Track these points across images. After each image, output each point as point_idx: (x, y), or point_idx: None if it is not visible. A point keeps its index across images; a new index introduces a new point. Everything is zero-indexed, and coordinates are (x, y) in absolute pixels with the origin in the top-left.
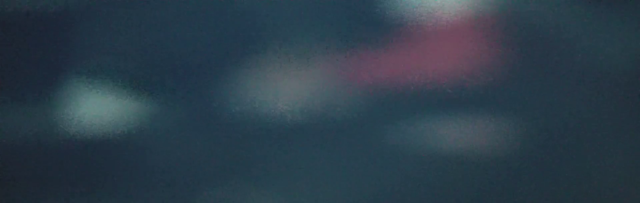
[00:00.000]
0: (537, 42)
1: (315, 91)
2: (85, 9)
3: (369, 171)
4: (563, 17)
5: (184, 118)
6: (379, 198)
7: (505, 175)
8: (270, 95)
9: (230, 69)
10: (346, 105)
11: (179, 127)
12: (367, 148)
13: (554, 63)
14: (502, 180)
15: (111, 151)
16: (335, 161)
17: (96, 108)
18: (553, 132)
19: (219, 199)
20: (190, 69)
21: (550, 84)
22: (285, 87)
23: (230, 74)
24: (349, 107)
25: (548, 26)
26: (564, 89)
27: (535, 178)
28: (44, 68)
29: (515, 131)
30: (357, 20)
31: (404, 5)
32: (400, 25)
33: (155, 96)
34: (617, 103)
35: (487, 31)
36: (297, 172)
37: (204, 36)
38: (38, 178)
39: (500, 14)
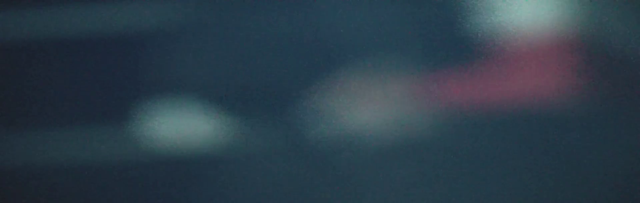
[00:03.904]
0: (620, 66)
1: (397, 112)
2: (168, 32)
3: (454, 190)
4: None
5: (269, 138)
6: None
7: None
8: (353, 116)
9: (313, 90)
10: (427, 125)
11: (264, 148)
12: (450, 167)
13: (637, 87)
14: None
15: (192, 172)
16: (419, 179)
17: (177, 129)
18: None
19: None
20: (272, 91)
21: (633, 110)
22: (368, 108)
23: (313, 95)
24: (430, 127)
25: (631, 50)
26: None
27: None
28: (124, 89)
29: (596, 153)
30: (437, 41)
31: (485, 27)
32: (481, 46)
33: (239, 118)
34: None
35: (567, 54)
36: (380, 191)
37: (285, 59)
38: (117, 198)
39: (581, 37)
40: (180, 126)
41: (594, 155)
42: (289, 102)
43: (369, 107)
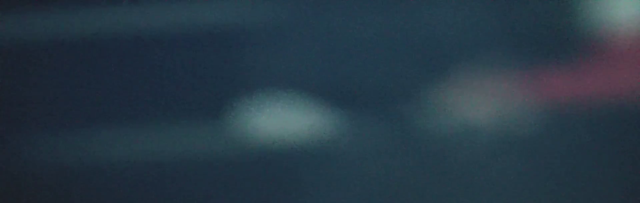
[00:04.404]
0: None
1: (505, 107)
2: (269, 26)
3: (558, 187)
4: None
5: (377, 133)
6: None
7: None
8: (459, 110)
9: (420, 85)
10: (534, 121)
11: (372, 143)
12: (558, 164)
13: None
14: None
15: (296, 170)
16: (527, 174)
17: (284, 126)
18: None
19: None
20: (379, 85)
21: None
22: (475, 102)
23: (420, 89)
24: (537, 123)
25: None
26: None
27: None
28: (221, 85)
29: None
30: (543, 37)
31: (590, 22)
32: (587, 41)
33: (344, 114)
34: None
35: None
36: (489, 185)
37: (389, 55)
38: (217, 194)
39: None
40: (286, 123)
41: None
42: (395, 98)
43: (475, 103)
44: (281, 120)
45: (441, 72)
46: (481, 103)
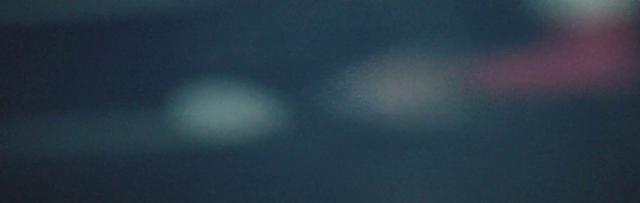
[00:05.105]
0: None
1: (429, 95)
2: (196, 12)
3: (490, 180)
4: None
5: (293, 120)
6: None
7: None
8: (383, 98)
9: (347, 70)
10: (461, 109)
11: (286, 129)
12: (493, 155)
13: None
14: None
15: (221, 155)
16: (443, 166)
17: (205, 110)
18: None
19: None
20: (316, 72)
21: None
22: (401, 90)
23: (345, 76)
24: (465, 111)
25: None
26: None
27: None
28: (157, 72)
29: None
30: (491, 22)
31: (547, 7)
32: (542, 26)
33: (263, 98)
34: None
35: (628, 36)
36: (402, 176)
37: (322, 41)
38: (152, 184)
39: None
40: (223, 113)
41: None
42: (322, 85)
43: (413, 91)
44: (218, 110)
45: (386, 58)
46: (430, 91)
